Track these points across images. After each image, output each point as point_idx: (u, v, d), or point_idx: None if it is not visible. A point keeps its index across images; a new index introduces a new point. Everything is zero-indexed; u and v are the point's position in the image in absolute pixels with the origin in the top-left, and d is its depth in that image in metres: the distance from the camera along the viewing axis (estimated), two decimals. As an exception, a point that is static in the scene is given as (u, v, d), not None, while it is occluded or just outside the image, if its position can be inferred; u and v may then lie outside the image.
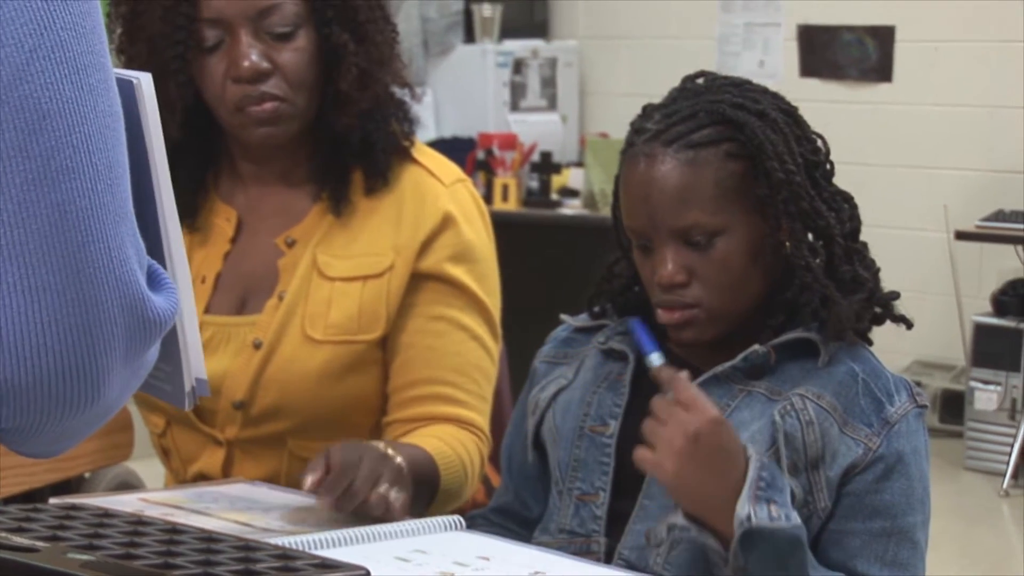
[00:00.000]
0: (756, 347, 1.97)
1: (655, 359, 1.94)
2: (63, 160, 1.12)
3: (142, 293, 1.16)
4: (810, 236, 1.99)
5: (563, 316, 2.19)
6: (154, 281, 1.21)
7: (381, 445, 2.05)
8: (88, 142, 1.13)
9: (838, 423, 1.93)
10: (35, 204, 1.11)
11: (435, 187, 2.26)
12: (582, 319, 2.16)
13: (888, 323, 2.05)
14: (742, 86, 2.03)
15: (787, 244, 1.97)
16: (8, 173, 1.10)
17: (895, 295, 2.05)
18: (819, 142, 2.03)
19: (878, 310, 2.03)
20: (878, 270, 2.04)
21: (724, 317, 1.97)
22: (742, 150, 1.96)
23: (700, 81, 2.05)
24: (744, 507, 1.80)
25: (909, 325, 2.06)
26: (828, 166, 2.03)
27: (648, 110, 2.03)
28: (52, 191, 1.11)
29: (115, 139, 1.16)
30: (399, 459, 2.03)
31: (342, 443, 2.02)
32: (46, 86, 1.11)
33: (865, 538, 1.94)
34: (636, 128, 2.01)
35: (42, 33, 1.11)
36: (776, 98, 2.03)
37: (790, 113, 2.02)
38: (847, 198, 2.04)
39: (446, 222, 2.24)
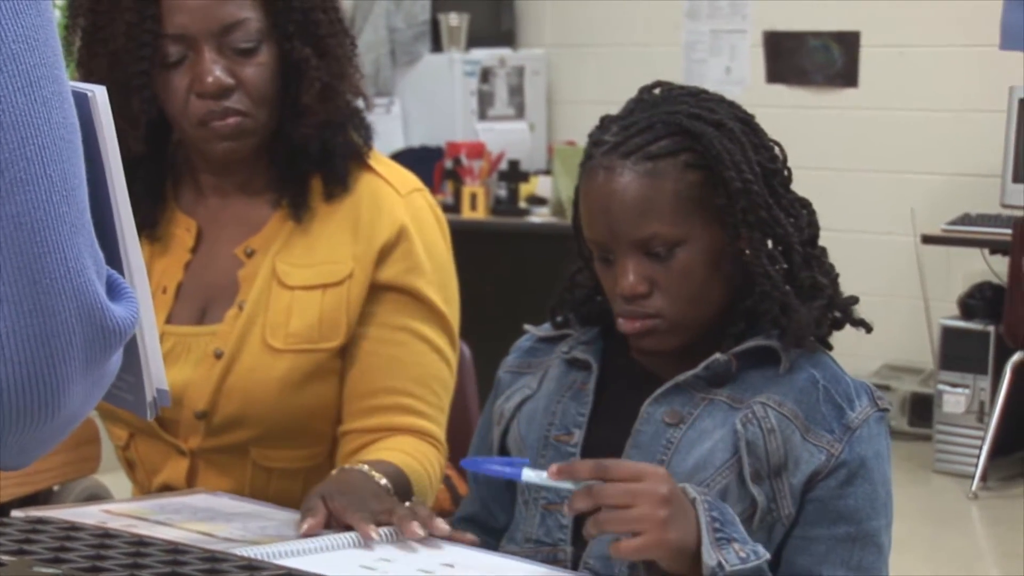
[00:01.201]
0: (717, 355, 1.97)
1: (529, 474, 1.84)
2: (16, 172, 1.12)
3: (100, 302, 1.16)
4: (769, 244, 2.00)
5: (526, 326, 2.20)
6: (113, 290, 1.21)
7: (366, 468, 2.07)
8: (42, 154, 1.13)
9: (800, 430, 1.94)
10: None
11: (391, 196, 2.27)
12: (545, 329, 2.17)
13: (856, 329, 2.06)
14: (699, 96, 2.03)
15: (747, 252, 1.98)
16: None
17: (854, 300, 2.05)
18: (776, 149, 2.04)
19: (838, 315, 2.04)
20: (837, 276, 2.05)
21: (685, 326, 1.98)
22: (700, 160, 1.96)
23: (657, 91, 2.05)
24: (710, 556, 1.78)
25: (868, 329, 2.07)
26: (786, 173, 2.04)
27: (605, 122, 2.03)
28: (6, 203, 1.12)
29: (70, 151, 1.16)
30: (384, 482, 2.05)
31: (331, 479, 2.02)
32: None
33: (830, 543, 1.95)
34: (594, 140, 2.02)
35: None
36: (732, 107, 2.03)
37: (747, 122, 2.02)
38: (805, 204, 2.05)
39: (403, 233, 2.24)
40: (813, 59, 6.96)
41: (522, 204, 6.72)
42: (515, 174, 6.77)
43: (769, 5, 7.03)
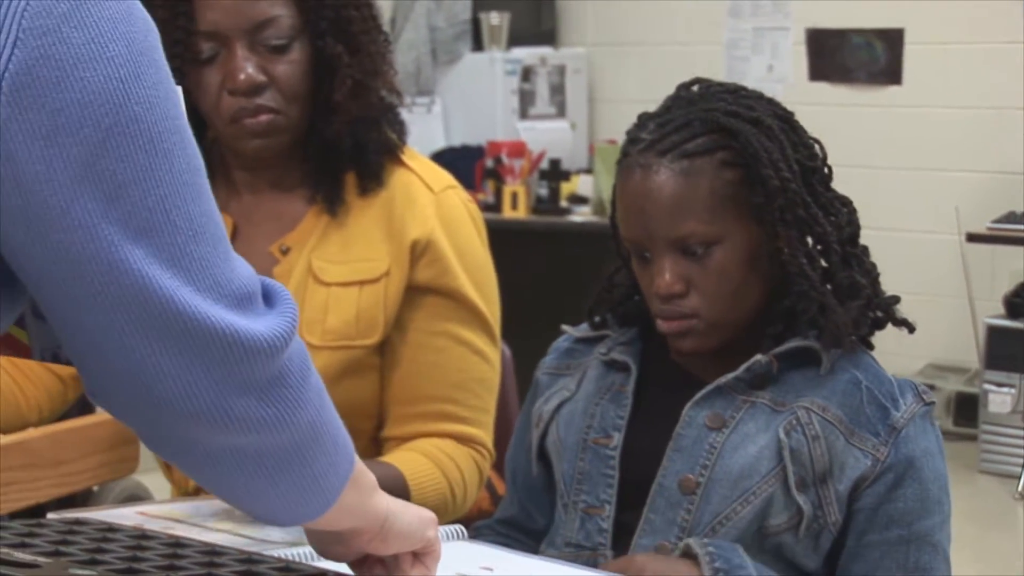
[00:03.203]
0: (759, 357, 1.95)
1: None
2: (139, 222, 1.21)
3: (231, 326, 1.25)
4: (808, 243, 1.97)
5: (564, 327, 2.18)
6: (269, 298, 1.32)
7: None
8: (164, 203, 1.22)
9: (844, 435, 1.92)
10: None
11: (424, 193, 2.26)
12: (583, 329, 2.15)
13: (900, 328, 2.04)
14: (737, 93, 2.01)
15: (784, 251, 1.95)
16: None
17: (895, 299, 2.03)
18: (816, 147, 2.01)
19: (879, 314, 2.01)
20: (877, 275, 2.03)
21: (723, 326, 1.96)
22: (737, 158, 1.94)
23: (695, 89, 2.04)
24: None
25: (911, 329, 2.04)
26: (826, 171, 2.02)
27: (643, 119, 2.02)
28: (134, 249, 1.21)
29: (194, 192, 1.25)
30: None
31: None
32: (121, 159, 1.20)
33: (884, 549, 1.93)
34: (631, 138, 2.00)
35: (118, 112, 1.20)
36: (771, 104, 2.02)
37: (786, 119, 2.01)
38: (845, 202, 2.02)
39: (431, 237, 2.23)
40: (856, 56, 6.91)
41: (563, 203, 6.70)
42: (556, 173, 6.75)
43: (812, 3, 6.99)
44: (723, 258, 1.94)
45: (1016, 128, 6.50)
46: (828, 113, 6.89)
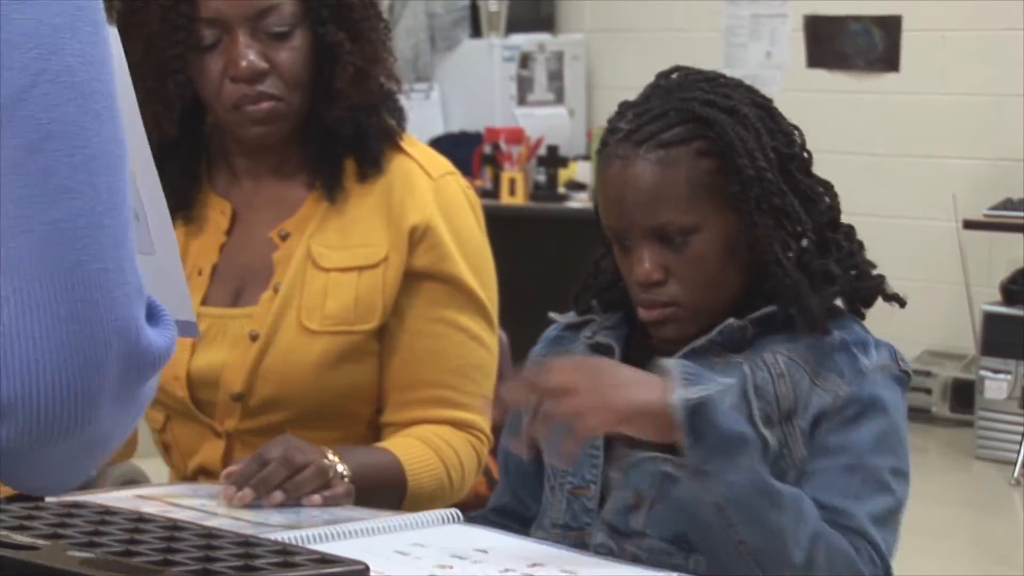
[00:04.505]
0: (731, 321, 1.97)
1: None
2: (61, 179, 1.13)
3: (136, 321, 1.16)
4: (786, 230, 1.99)
5: (552, 314, 2.20)
6: (153, 316, 1.21)
7: (325, 449, 2.10)
8: (89, 164, 1.14)
9: (809, 375, 1.94)
10: (31, 220, 1.12)
11: (423, 179, 2.27)
12: (570, 316, 2.17)
13: (898, 313, 2.06)
14: (715, 81, 2.03)
15: (761, 239, 1.98)
16: (6, 188, 1.11)
17: (881, 278, 2.05)
18: (795, 134, 2.04)
19: (865, 291, 2.04)
20: (862, 257, 2.05)
21: (703, 314, 1.98)
22: (713, 148, 1.96)
23: (674, 77, 2.05)
24: (676, 394, 1.77)
25: (902, 304, 2.05)
26: (805, 156, 2.04)
27: (623, 108, 2.04)
28: (49, 209, 1.12)
29: (118, 165, 1.17)
30: (331, 457, 2.08)
31: (279, 438, 2.08)
32: (49, 107, 1.13)
33: (830, 474, 1.92)
34: (611, 127, 2.03)
35: (48, 58, 1.13)
36: (750, 91, 2.03)
37: (764, 107, 2.02)
38: (827, 187, 2.05)
39: (430, 223, 2.24)
40: (854, 43, 6.92)
41: (561, 189, 6.70)
42: (554, 159, 6.76)
43: (810, -11, 7.00)
44: (701, 246, 1.97)
45: (1013, 115, 6.50)
46: (826, 100, 6.89)
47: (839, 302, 2.02)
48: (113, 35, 1.24)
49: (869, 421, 1.93)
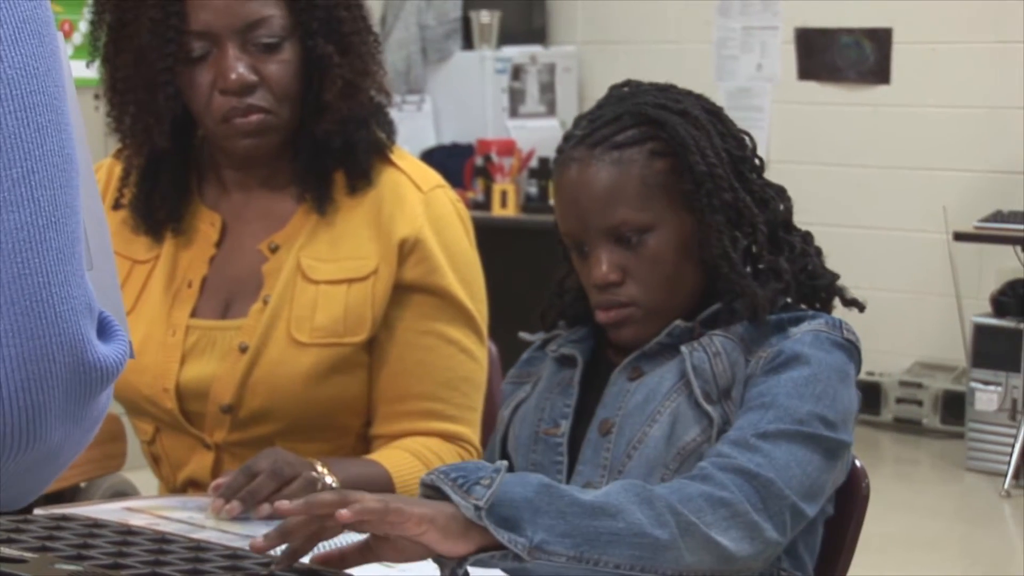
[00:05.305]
0: (677, 322, 2.02)
1: None
2: (2, 192, 1.11)
3: (83, 335, 1.14)
4: (738, 230, 2.03)
5: (521, 334, 2.24)
6: (104, 330, 1.19)
7: (314, 462, 2.10)
8: (30, 177, 1.12)
9: (744, 351, 1.97)
10: None
11: (412, 193, 2.28)
12: (539, 335, 2.21)
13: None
14: (666, 90, 2.10)
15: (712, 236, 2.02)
16: None
17: (835, 277, 2.08)
18: (746, 139, 2.09)
19: (822, 295, 2.07)
20: (815, 262, 2.07)
21: (660, 313, 2.03)
22: (666, 148, 2.02)
23: (625, 89, 2.12)
24: (463, 501, 1.64)
25: (861, 308, 2.10)
26: (757, 162, 2.09)
27: (577, 119, 2.11)
28: None
29: (63, 180, 1.15)
30: (320, 469, 2.08)
31: (268, 451, 2.08)
32: None
33: (743, 418, 1.91)
34: (566, 136, 2.09)
35: None
36: (700, 99, 2.10)
37: (714, 112, 2.09)
38: (779, 191, 2.09)
39: (419, 236, 2.25)
40: (845, 56, 6.93)
41: (552, 201, 6.70)
42: (545, 171, 6.76)
43: (801, 2, 7.01)
44: (656, 246, 2.02)
45: (1004, 127, 6.51)
46: (816, 112, 6.90)
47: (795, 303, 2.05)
48: (63, 49, 1.21)
49: (789, 371, 1.93)
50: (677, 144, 2.02)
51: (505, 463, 1.72)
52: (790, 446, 1.87)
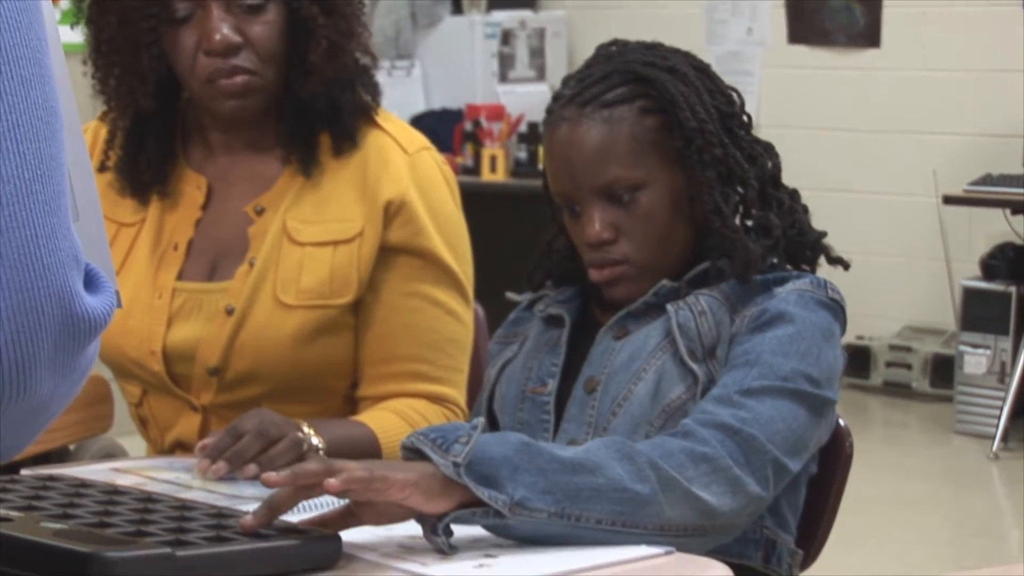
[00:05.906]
0: (664, 281, 2.03)
1: None
2: None
3: (71, 287, 1.15)
4: (728, 184, 2.04)
5: (508, 294, 2.24)
6: (91, 282, 1.20)
7: (300, 423, 2.11)
8: (15, 130, 1.13)
9: (729, 310, 1.98)
10: None
11: (398, 154, 2.28)
12: (527, 296, 2.21)
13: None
14: (654, 48, 2.11)
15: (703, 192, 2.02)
16: None
17: (822, 235, 2.09)
18: (735, 96, 2.10)
19: (808, 253, 2.08)
20: (803, 220, 2.08)
21: (653, 270, 2.04)
22: (655, 105, 2.03)
23: (613, 48, 2.13)
24: (442, 460, 1.65)
25: (846, 266, 2.12)
26: (745, 118, 2.10)
27: (566, 79, 2.11)
28: None
29: (48, 132, 1.16)
30: (306, 430, 2.09)
31: (254, 411, 2.08)
32: None
33: (727, 376, 1.92)
34: (555, 96, 2.10)
35: None
36: (688, 56, 2.11)
37: (702, 69, 2.10)
38: (767, 147, 2.10)
39: (405, 198, 2.25)
40: (835, 19, 6.91)
41: (541, 166, 6.70)
42: (535, 136, 6.75)
43: (791, -35, 6.99)
44: (648, 203, 2.03)
45: (994, 91, 6.51)
46: (807, 76, 6.89)
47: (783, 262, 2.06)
48: (48, 7, 1.21)
49: (774, 329, 1.94)
50: (666, 101, 2.02)
51: (482, 420, 1.75)
52: (774, 401, 1.88)
